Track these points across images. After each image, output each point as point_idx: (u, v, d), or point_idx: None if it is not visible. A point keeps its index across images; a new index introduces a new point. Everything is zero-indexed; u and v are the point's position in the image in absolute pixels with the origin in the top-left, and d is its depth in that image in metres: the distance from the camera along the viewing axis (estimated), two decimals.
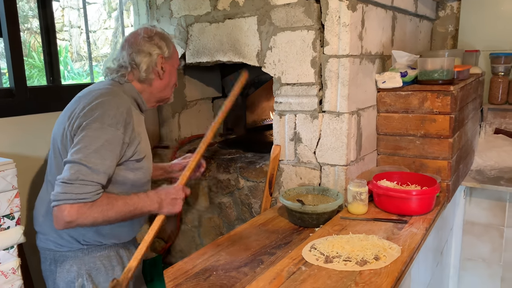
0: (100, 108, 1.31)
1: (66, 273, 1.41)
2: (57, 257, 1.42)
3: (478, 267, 2.44)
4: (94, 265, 1.42)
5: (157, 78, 1.51)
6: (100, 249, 1.43)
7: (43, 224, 1.44)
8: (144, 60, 1.45)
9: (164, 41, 1.51)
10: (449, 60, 1.81)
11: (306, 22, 1.68)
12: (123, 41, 1.51)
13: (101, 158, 1.25)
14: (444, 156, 1.81)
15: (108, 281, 1.39)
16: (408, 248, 1.32)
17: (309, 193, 1.73)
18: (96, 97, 1.35)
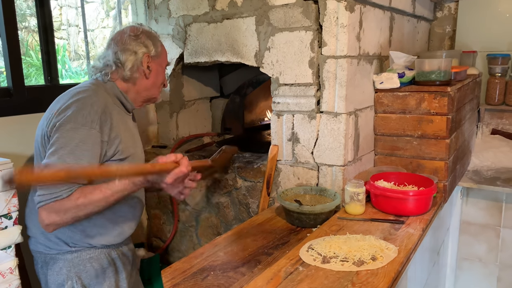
0: (73, 107, 1.29)
1: (56, 276, 1.39)
2: (47, 259, 1.41)
3: (474, 267, 2.45)
4: (83, 268, 1.40)
5: (143, 77, 1.49)
6: (90, 251, 1.41)
7: (32, 227, 1.43)
8: (130, 59, 1.44)
9: (150, 40, 1.49)
10: (446, 61, 1.82)
11: (304, 22, 1.69)
12: (109, 40, 1.50)
13: (76, 159, 1.23)
14: (441, 157, 1.82)
15: (99, 283, 1.40)
16: (405, 248, 1.32)
17: (307, 193, 1.73)
18: (72, 96, 1.33)
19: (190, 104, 2.43)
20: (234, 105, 2.57)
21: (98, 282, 1.42)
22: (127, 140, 1.43)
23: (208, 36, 2.00)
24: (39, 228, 1.36)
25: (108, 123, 1.33)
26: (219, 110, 2.61)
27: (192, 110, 2.46)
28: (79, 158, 1.23)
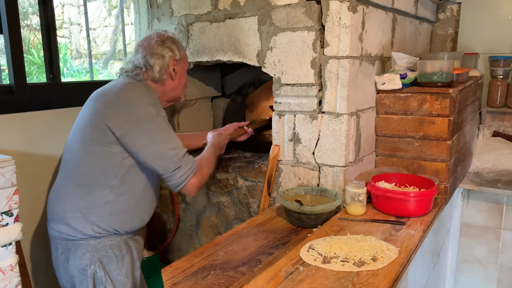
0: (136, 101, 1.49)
1: (78, 261, 1.49)
2: (70, 245, 1.49)
3: (474, 269, 2.45)
4: (105, 253, 1.50)
5: (169, 79, 1.65)
6: (111, 238, 1.51)
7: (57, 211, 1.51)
8: (158, 62, 1.59)
9: (175, 45, 1.65)
10: (448, 62, 1.82)
11: (306, 23, 1.69)
12: (137, 46, 1.65)
13: (173, 135, 1.51)
14: (442, 158, 1.82)
15: (119, 269, 1.54)
16: (405, 249, 1.32)
17: (308, 194, 1.73)
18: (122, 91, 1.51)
19: (191, 104, 2.43)
20: (236, 105, 2.57)
21: (118, 267, 1.52)
22: None
23: (210, 35, 2.00)
24: (68, 213, 1.48)
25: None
26: (220, 110, 2.61)
27: (194, 110, 2.46)
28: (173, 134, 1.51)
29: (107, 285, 1.50)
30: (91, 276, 1.49)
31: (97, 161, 1.47)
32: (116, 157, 1.47)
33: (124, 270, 1.54)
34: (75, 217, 1.47)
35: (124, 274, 1.54)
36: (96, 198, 1.47)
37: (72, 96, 1.94)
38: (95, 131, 1.47)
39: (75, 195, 1.48)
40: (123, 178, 1.49)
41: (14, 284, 1.39)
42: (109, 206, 1.49)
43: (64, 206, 1.49)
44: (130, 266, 1.56)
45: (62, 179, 1.54)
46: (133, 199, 1.53)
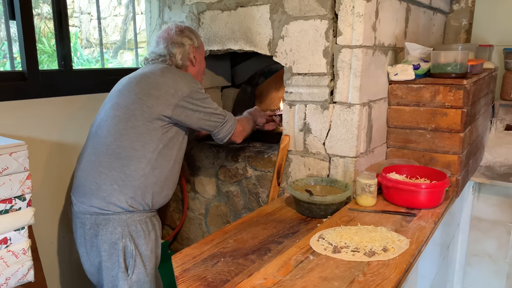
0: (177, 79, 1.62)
1: (110, 235, 1.57)
2: (99, 220, 1.57)
3: (483, 263, 2.43)
4: (135, 228, 1.60)
5: (191, 65, 1.78)
6: (140, 214, 1.62)
7: (91, 185, 1.58)
8: (179, 50, 1.72)
9: (193, 34, 1.78)
10: (463, 53, 1.79)
11: (319, 11, 1.67)
12: (157, 38, 1.77)
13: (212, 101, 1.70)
14: (454, 151, 1.80)
15: (146, 244, 1.64)
16: (416, 240, 1.32)
17: (317, 184, 1.72)
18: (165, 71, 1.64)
19: None
20: (245, 95, 2.56)
21: (145, 242, 1.63)
22: None
23: (222, 24, 1.99)
24: (104, 186, 1.56)
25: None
26: (230, 100, 2.60)
27: None
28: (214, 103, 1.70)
29: (136, 259, 1.60)
30: (122, 250, 1.58)
31: (139, 135, 1.57)
32: (157, 132, 1.59)
33: (150, 245, 1.64)
34: (111, 190, 1.56)
35: (150, 249, 1.64)
36: (133, 171, 1.57)
37: (84, 83, 1.95)
38: (139, 108, 1.57)
39: (112, 167, 1.57)
40: (160, 152, 1.61)
41: (27, 267, 1.41)
42: (144, 178, 1.60)
43: (99, 179, 1.57)
44: (155, 242, 1.68)
45: (96, 154, 1.60)
46: (163, 173, 1.65)
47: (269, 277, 1.12)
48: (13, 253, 1.36)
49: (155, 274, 1.71)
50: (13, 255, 1.36)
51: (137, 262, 1.61)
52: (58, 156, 1.86)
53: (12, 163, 1.32)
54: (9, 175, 1.32)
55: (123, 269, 1.59)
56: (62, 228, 1.93)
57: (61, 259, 1.96)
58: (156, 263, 1.72)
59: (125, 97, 1.62)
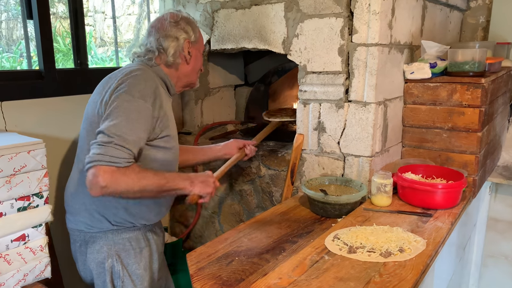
0: (129, 81, 1.35)
1: (96, 254, 1.44)
2: (87, 238, 1.45)
3: (500, 265, 2.39)
4: (123, 246, 1.46)
5: (184, 63, 1.53)
6: (130, 230, 1.47)
7: (74, 204, 1.47)
8: (172, 45, 1.47)
9: (190, 26, 1.52)
10: (481, 51, 1.75)
11: (334, 9, 1.65)
12: (149, 27, 1.52)
13: (131, 128, 1.28)
14: (471, 150, 1.77)
15: (137, 263, 1.48)
16: (433, 241, 1.30)
17: (332, 184, 1.71)
18: (125, 74, 1.39)
19: (214, 92, 2.43)
20: (259, 93, 2.56)
21: (135, 261, 1.48)
22: (172, 121, 1.50)
23: (236, 22, 1.98)
24: (83, 206, 1.43)
25: (158, 101, 1.39)
26: (243, 99, 2.60)
27: (217, 98, 2.46)
28: (133, 128, 1.28)
29: (124, 279, 1.46)
30: (109, 270, 1.45)
31: None
32: None
33: (142, 263, 1.49)
34: (92, 210, 1.42)
35: (143, 267, 1.50)
36: None
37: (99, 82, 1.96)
38: (96, 119, 1.37)
39: None
40: None
41: (44, 264, 1.42)
42: (123, 200, 1.40)
43: (80, 198, 1.44)
44: (149, 259, 1.52)
45: (78, 170, 1.46)
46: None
47: (284, 276, 1.12)
48: (30, 250, 1.38)
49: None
50: (30, 251, 1.38)
51: (126, 283, 1.46)
52: (74, 153, 1.88)
53: (30, 161, 1.34)
54: (27, 173, 1.34)
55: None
56: None
57: None
58: (153, 279, 1.55)
59: (89, 105, 1.45)
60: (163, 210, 1.56)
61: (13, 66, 2.18)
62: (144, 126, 1.32)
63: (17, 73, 1.76)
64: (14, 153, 1.30)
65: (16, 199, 1.33)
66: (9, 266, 1.33)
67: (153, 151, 1.40)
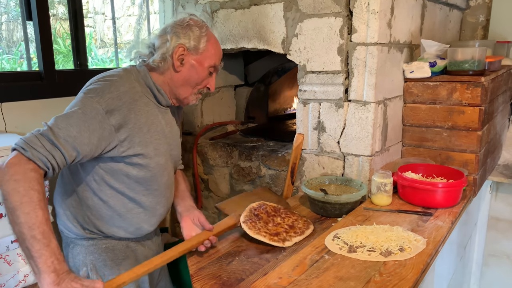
0: (93, 84, 1.22)
1: (73, 259, 1.34)
2: (68, 241, 1.36)
3: (501, 264, 2.39)
4: (99, 256, 1.32)
5: (171, 70, 1.31)
6: (106, 241, 1.33)
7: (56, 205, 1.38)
8: (161, 46, 1.29)
9: (192, 32, 1.31)
10: (481, 50, 1.75)
11: (333, 8, 1.65)
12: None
13: (67, 124, 1.10)
14: (472, 149, 1.77)
15: (114, 274, 1.28)
16: (433, 240, 1.30)
17: (332, 183, 1.71)
18: (98, 77, 1.26)
19: (214, 92, 2.44)
20: (259, 93, 2.56)
21: (112, 273, 1.31)
22: (151, 132, 1.29)
23: (235, 22, 1.98)
24: (61, 209, 1.34)
25: (123, 110, 1.21)
26: (243, 99, 2.60)
27: (217, 98, 2.46)
28: (70, 124, 1.11)
29: None
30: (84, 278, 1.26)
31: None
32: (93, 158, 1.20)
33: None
34: (68, 214, 1.32)
35: None
36: (81, 199, 1.28)
37: None
38: None
39: (66, 192, 1.32)
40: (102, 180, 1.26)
41: None
42: (95, 210, 1.29)
43: (60, 202, 1.34)
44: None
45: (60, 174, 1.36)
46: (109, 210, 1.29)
47: (284, 276, 1.12)
48: None
49: None
50: None
51: None
52: None
53: None
54: None
55: None
56: None
57: None
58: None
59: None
60: (143, 227, 1.36)
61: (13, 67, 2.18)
62: (89, 127, 1.13)
63: (17, 74, 1.76)
64: None
65: None
66: (9, 267, 1.33)
67: (124, 167, 1.26)
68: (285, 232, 1.37)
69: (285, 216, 1.46)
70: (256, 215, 1.40)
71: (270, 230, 1.36)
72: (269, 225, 1.39)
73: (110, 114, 1.17)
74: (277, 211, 1.47)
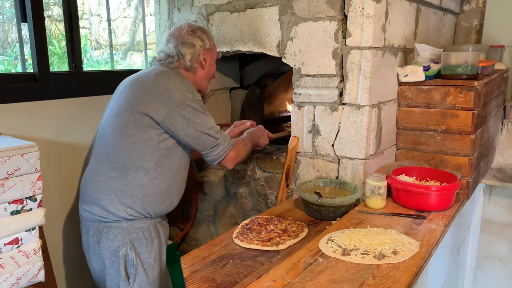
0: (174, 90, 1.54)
1: (110, 242, 1.54)
2: (101, 227, 1.55)
3: (494, 266, 2.40)
4: (137, 236, 1.56)
5: (200, 68, 1.71)
6: (142, 221, 1.58)
7: (92, 193, 1.56)
8: (189, 51, 1.66)
9: (205, 35, 1.72)
10: (474, 54, 1.77)
11: (328, 12, 1.66)
12: (168, 36, 1.71)
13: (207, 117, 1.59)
14: (465, 153, 1.78)
15: (148, 252, 1.58)
16: (426, 243, 1.30)
17: (326, 186, 1.72)
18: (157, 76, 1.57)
19: (210, 95, 2.44)
20: (254, 96, 2.56)
21: (147, 250, 1.59)
22: None
23: (231, 25, 1.99)
24: (103, 195, 1.54)
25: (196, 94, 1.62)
26: (239, 101, 2.61)
27: (212, 101, 2.46)
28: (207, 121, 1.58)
29: (137, 267, 1.56)
30: (123, 258, 1.55)
31: (134, 144, 1.53)
32: (153, 141, 1.54)
33: (153, 253, 1.60)
34: (109, 199, 1.53)
35: (153, 257, 1.60)
36: (131, 181, 1.54)
37: (94, 85, 1.96)
38: (132, 116, 1.53)
39: (110, 177, 1.54)
40: (158, 161, 1.56)
41: (37, 268, 1.42)
42: (143, 188, 1.55)
43: (98, 188, 1.55)
44: (158, 250, 1.63)
45: (97, 162, 1.59)
46: (165, 183, 1.60)
47: (278, 279, 1.12)
48: (24, 253, 1.38)
49: (160, 281, 1.67)
50: (24, 255, 1.38)
51: (139, 270, 1.58)
52: (69, 157, 1.88)
53: (24, 164, 1.33)
54: (21, 176, 1.33)
55: (124, 277, 1.56)
56: (72, 229, 1.94)
57: (71, 259, 1.97)
58: (162, 270, 1.67)
59: (120, 103, 1.58)
60: (174, 201, 1.68)
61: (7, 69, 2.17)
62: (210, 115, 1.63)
63: (11, 76, 1.75)
64: (7, 156, 1.29)
65: (9, 202, 1.32)
66: (2, 270, 1.32)
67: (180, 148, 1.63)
68: (278, 237, 1.38)
69: (278, 222, 1.50)
70: (248, 229, 1.45)
71: (263, 238, 1.38)
72: (261, 234, 1.41)
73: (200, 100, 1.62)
74: (270, 220, 1.52)
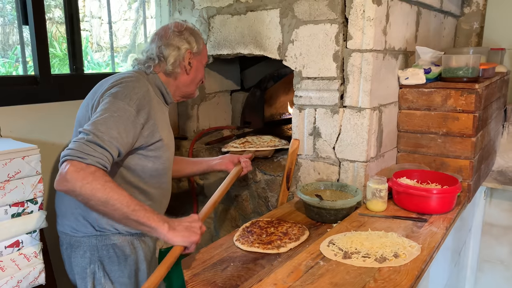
0: (116, 87, 1.35)
1: (80, 259, 1.43)
2: (73, 242, 1.44)
3: (495, 269, 2.40)
4: (107, 253, 1.42)
5: (183, 73, 1.53)
6: (114, 237, 1.42)
7: (61, 207, 1.47)
8: (172, 54, 1.48)
9: (193, 37, 1.53)
10: (475, 57, 1.77)
11: (329, 15, 1.66)
12: (153, 34, 1.55)
13: (109, 127, 1.23)
14: (466, 155, 1.78)
15: (121, 270, 1.43)
16: (428, 246, 1.30)
17: (327, 189, 1.71)
18: (116, 79, 1.40)
19: (211, 97, 2.44)
20: (254, 98, 2.57)
21: (119, 269, 1.44)
22: (165, 130, 1.48)
23: (231, 28, 1.99)
24: (70, 209, 1.42)
25: (146, 109, 1.35)
26: (239, 104, 2.61)
27: (213, 103, 2.46)
28: (110, 127, 1.24)
29: (106, 286, 1.43)
30: (90, 276, 1.42)
31: None
32: None
33: (127, 271, 1.45)
34: (76, 214, 1.41)
35: (127, 275, 1.45)
36: None
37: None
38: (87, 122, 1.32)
39: None
40: (117, 177, 1.37)
41: (38, 270, 1.42)
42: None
43: (66, 202, 1.43)
44: (134, 267, 1.48)
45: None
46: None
47: (279, 282, 1.12)
48: (25, 256, 1.37)
49: None
50: (24, 258, 1.37)
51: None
52: None
53: (25, 166, 1.33)
54: (21, 179, 1.33)
55: None
56: None
57: None
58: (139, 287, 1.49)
59: (80, 110, 1.46)
60: None
61: (8, 71, 2.17)
62: (123, 126, 1.27)
63: (12, 78, 1.76)
64: (8, 159, 1.29)
65: (10, 205, 1.32)
66: (2, 272, 1.32)
67: (143, 161, 1.39)
68: (279, 240, 1.38)
69: (279, 225, 1.50)
70: (249, 231, 1.45)
71: (264, 240, 1.38)
72: (262, 236, 1.41)
73: (138, 113, 1.33)
74: (271, 222, 1.52)
